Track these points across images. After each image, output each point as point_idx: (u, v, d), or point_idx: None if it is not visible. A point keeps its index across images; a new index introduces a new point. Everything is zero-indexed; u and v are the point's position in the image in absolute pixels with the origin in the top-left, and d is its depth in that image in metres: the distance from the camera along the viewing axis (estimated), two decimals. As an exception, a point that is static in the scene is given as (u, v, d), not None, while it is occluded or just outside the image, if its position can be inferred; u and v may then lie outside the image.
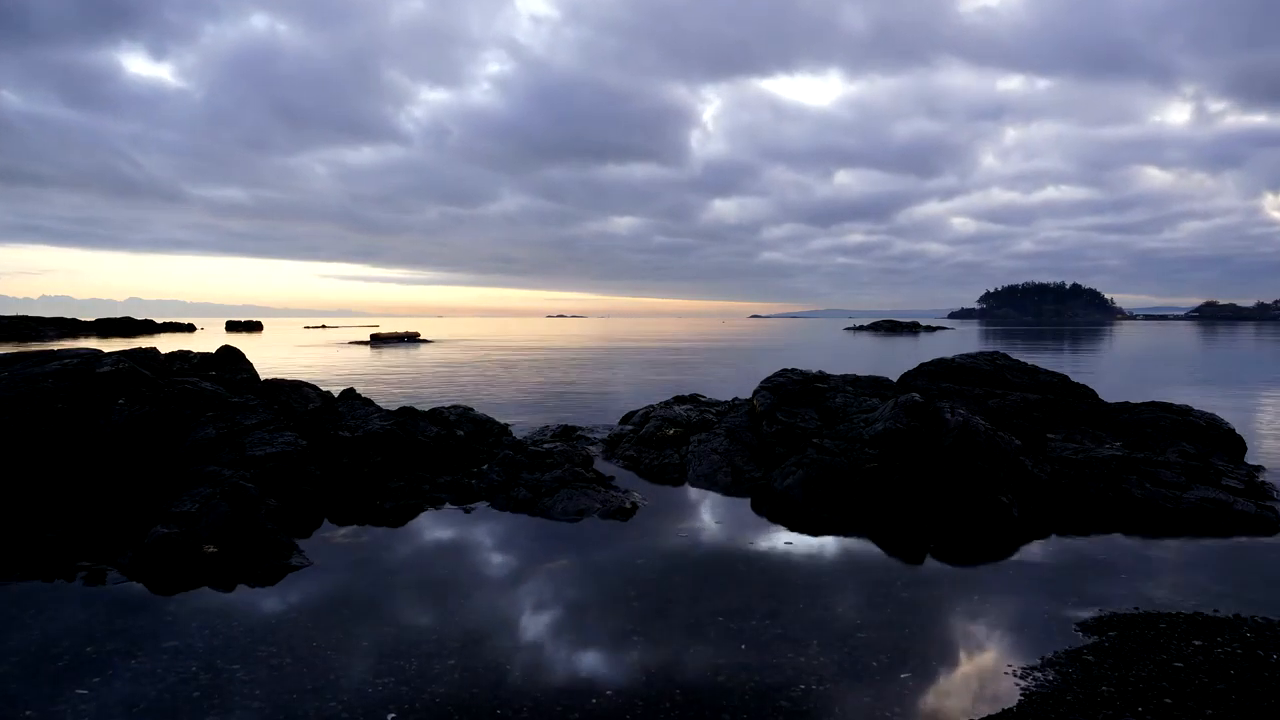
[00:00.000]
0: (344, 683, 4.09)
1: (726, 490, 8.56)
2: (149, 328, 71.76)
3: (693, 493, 8.58)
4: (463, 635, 4.69)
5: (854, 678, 4.20)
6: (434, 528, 7.16)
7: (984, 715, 3.82)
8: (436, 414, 10.52)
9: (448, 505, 7.77)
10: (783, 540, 6.91)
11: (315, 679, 4.12)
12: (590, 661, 4.43)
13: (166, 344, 12.59)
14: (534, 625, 4.90)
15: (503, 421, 11.51)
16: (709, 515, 7.74)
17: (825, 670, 4.27)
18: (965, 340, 58.54)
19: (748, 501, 8.16)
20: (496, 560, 6.27)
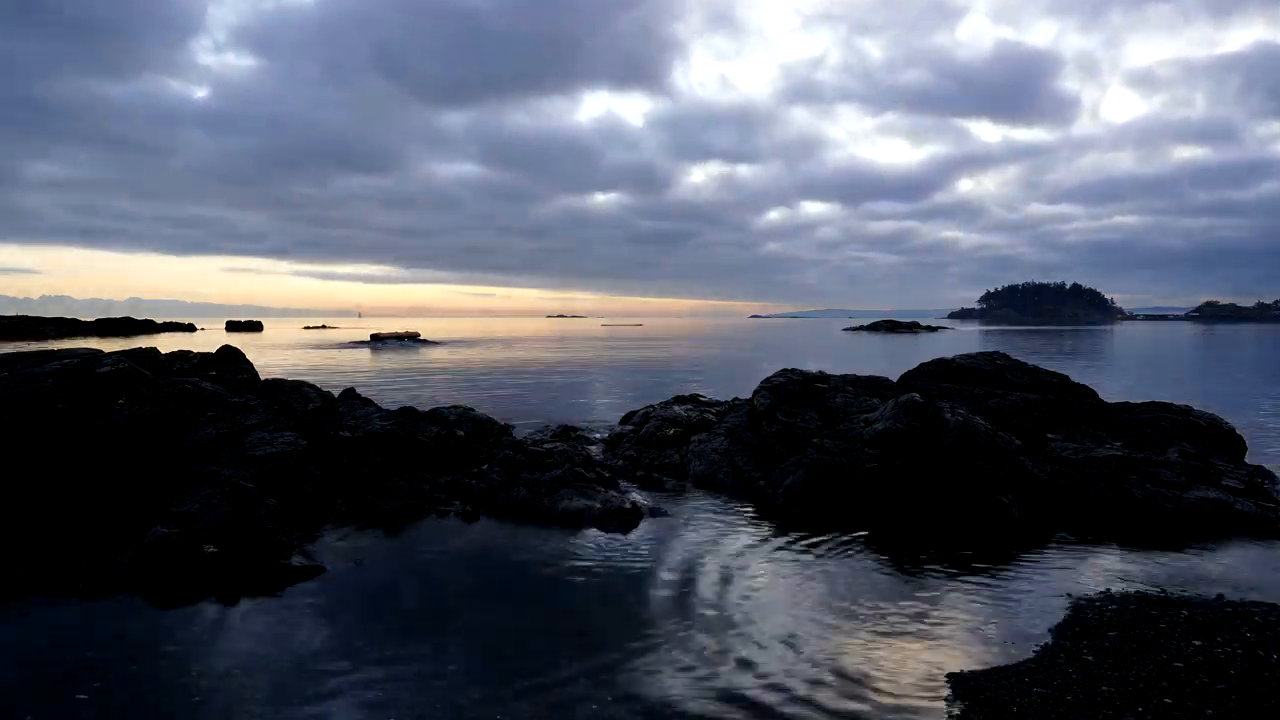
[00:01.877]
0: (343, 689, 4.08)
1: (726, 490, 8.55)
2: (149, 328, 71.75)
3: (693, 493, 8.57)
4: (463, 642, 4.68)
5: (855, 682, 4.19)
6: (436, 533, 7.15)
7: (985, 716, 3.82)
8: (437, 414, 10.52)
9: (451, 514, 7.69)
10: (784, 545, 6.91)
11: (315, 685, 4.11)
12: (590, 669, 4.43)
13: (167, 344, 12.60)
14: (534, 632, 4.89)
15: (503, 421, 11.52)
16: (709, 518, 7.75)
17: (828, 675, 4.27)
18: (965, 340, 58.53)
19: (749, 503, 8.15)
20: (497, 568, 6.24)
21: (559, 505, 7.41)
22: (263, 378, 10.84)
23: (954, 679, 4.21)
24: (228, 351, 11.39)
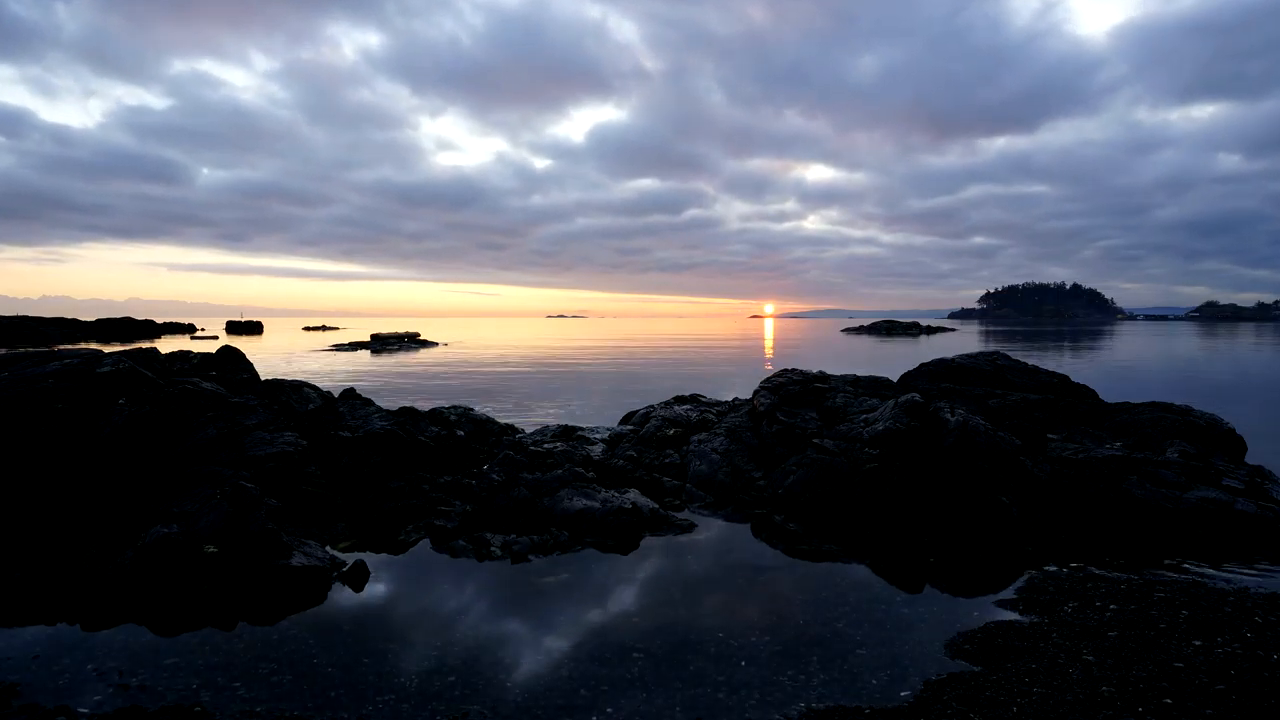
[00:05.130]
0: (344, 700, 4.07)
1: (726, 490, 8.54)
2: (149, 328, 71.83)
3: (693, 493, 8.56)
4: (464, 652, 4.66)
5: (854, 696, 4.18)
6: (437, 535, 7.14)
7: (985, 716, 3.82)
8: (437, 414, 10.53)
9: (452, 514, 7.73)
10: (783, 546, 6.91)
11: (315, 697, 4.10)
12: (590, 677, 4.43)
13: (167, 346, 12.60)
14: (533, 641, 4.86)
15: (503, 421, 11.52)
16: (708, 519, 7.75)
17: (826, 687, 4.25)
18: (966, 341, 58.53)
19: (748, 503, 8.14)
20: (498, 575, 6.23)
21: (559, 505, 7.40)
22: (263, 378, 10.83)
23: (954, 679, 4.21)
24: (228, 352, 11.39)
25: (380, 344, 47.44)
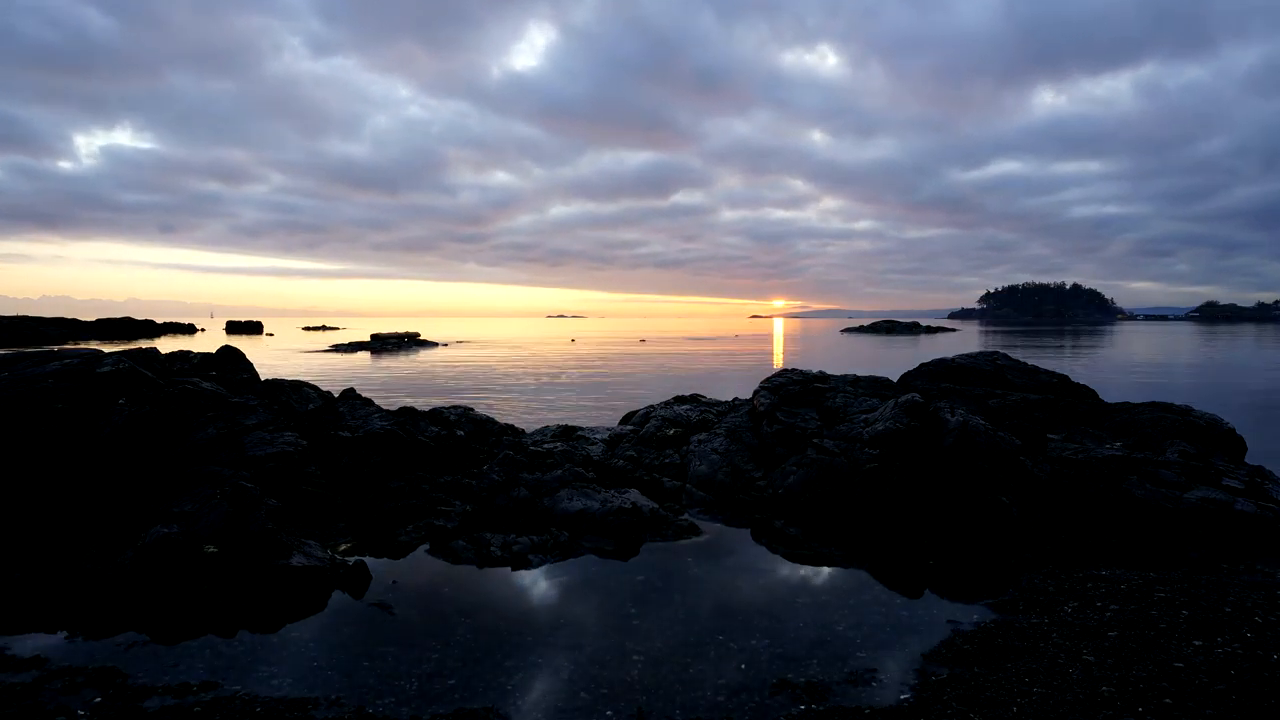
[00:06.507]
0: (345, 702, 4.07)
1: (726, 491, 8.54)
2: (149, 328, 71.84)
3: (693, 493, 8.56)
4: (463, 654, 4.65)
5: (854, 697, 4.18)
6: (437, 535, 7.14)
7: (985, 716, 3.82)
8: (437, 414, 10.53)
9: (452, 514, 7.73)
10: (783, 547, 6.92)
11: (315, 699, 4.09)
12: (590, 679, 4.42)
13: (167, 346, 12.59)
14: (533, 644, 4.85)
15: (503, 421, 11.52)
16: (708, 520, 7.75)
17: (826, 691, 4.25)
18: (967, 341, 58.53)
19: (748, 503, 8.13)
20: (498, 576, 6.22)
21: (559, 506, 7.40)
22: (263, 378, 10.83)
23: (954, 679, 4.21)
24: (228, 352, 11.38)
25: (380, 344, 47.44)
